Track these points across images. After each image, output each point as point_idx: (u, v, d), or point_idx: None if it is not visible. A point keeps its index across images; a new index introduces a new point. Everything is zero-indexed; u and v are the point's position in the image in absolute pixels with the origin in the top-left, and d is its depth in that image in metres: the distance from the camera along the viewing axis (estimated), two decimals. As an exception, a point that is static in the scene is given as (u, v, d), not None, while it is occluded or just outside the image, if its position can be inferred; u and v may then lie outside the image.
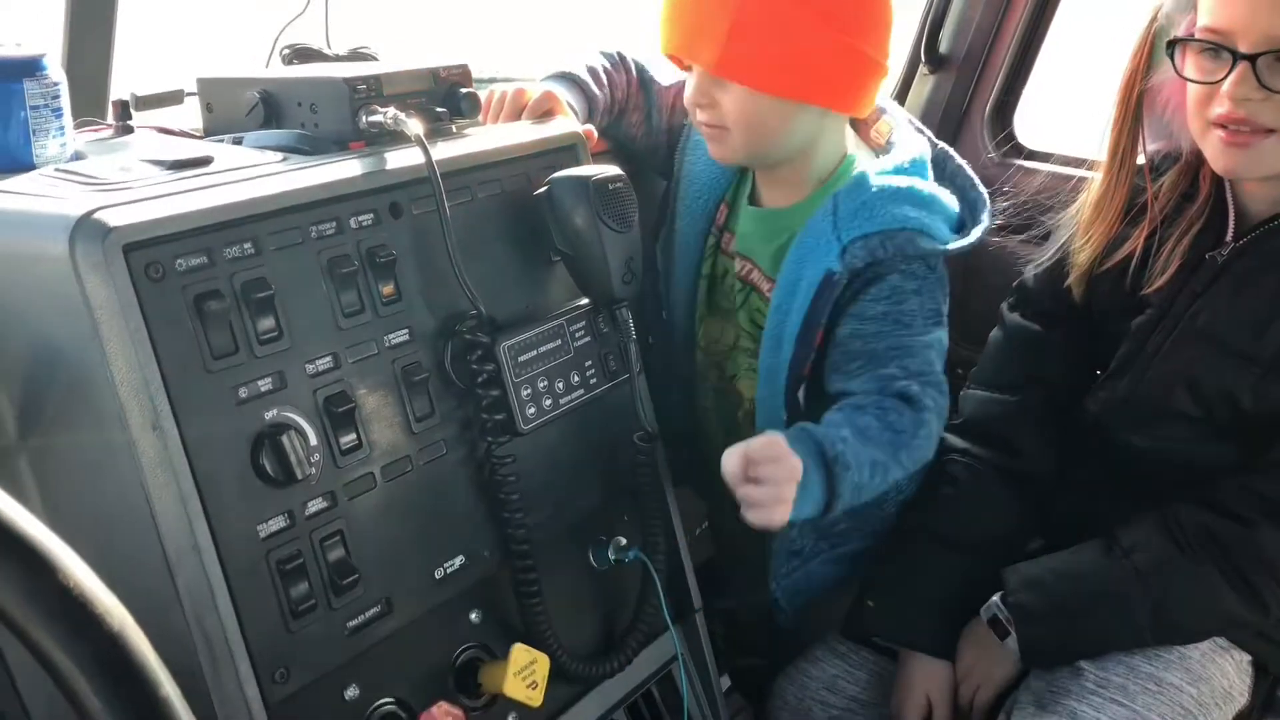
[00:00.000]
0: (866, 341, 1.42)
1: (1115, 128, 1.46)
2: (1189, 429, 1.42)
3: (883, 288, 1.42)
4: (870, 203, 1.39)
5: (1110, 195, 1.47)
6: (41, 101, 1.09)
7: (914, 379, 1.41)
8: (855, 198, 1.39)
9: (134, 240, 0.93)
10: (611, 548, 1.33)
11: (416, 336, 1.14)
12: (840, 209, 1.39)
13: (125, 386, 0.93)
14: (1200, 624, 1.40)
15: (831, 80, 1.38)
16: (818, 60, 1.36)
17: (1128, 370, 1.46)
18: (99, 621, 0.58)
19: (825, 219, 1.40)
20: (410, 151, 1.16)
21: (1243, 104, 1.26)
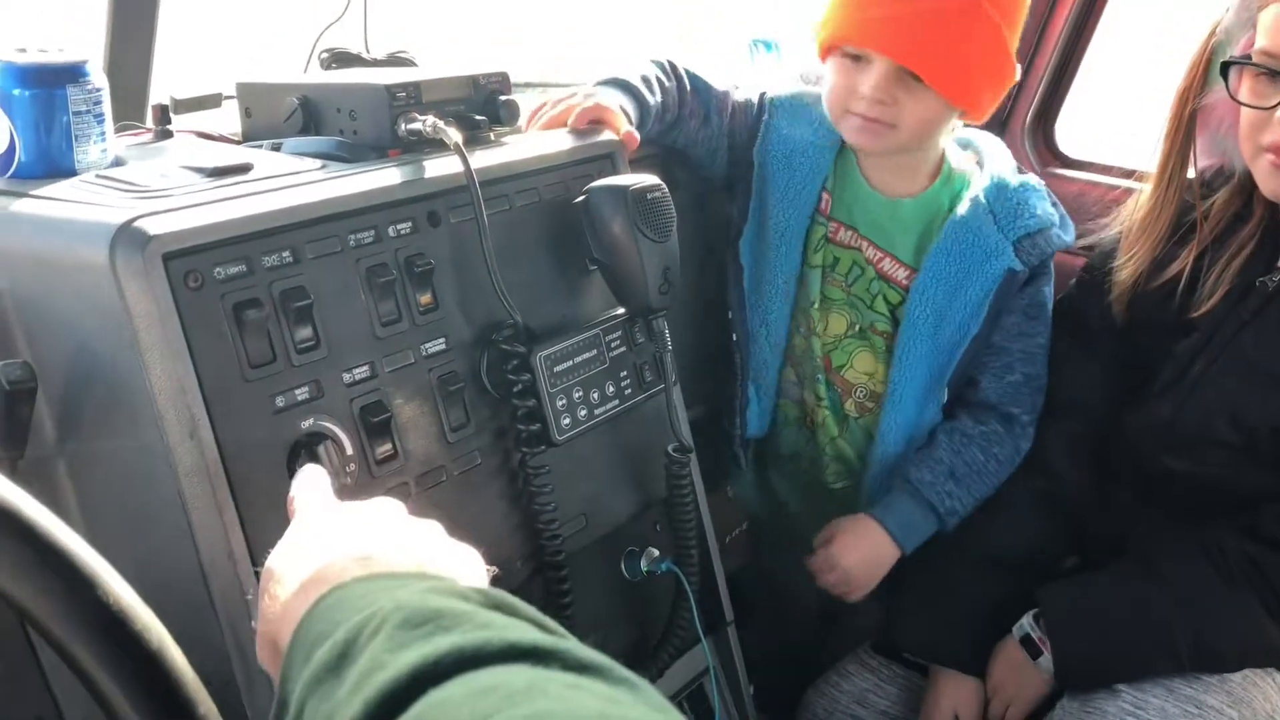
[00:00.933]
0: (1005, 337, 1.55)
1: (1166, 142, 1.44)
2: (1229, 456, 1.39)
3: (1031, 286, 1.54)
4: (1024, 201, 1.51)
5: (1158, 212, 1.45)
6: (84, 107, 1.09)
7: (1030, 393, 1.56)
8: (1008, 197, 1.51)
9: (174, 249, 0.93)
10: (644, 559, 1.32)
11: (453, 346, 1.14)
12: (996, 208, 1.51)
13: (163, 394, 0.93)
14: (1241, 654, 1.37)
15: (998, 94, 1.51)
16: (1003, 81, 1.48)
17: (1169, 395, 1.43)
18: (138, 639, 0.58)
19: (983, 217, 1.51)
20: (449, 160, 1.15)
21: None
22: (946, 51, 1.41)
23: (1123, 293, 1.48)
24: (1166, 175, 1.44)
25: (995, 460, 1.55)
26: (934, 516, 1.54)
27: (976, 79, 1.46)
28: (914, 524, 1.54)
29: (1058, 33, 2.03)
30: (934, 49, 1.41)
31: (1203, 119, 1.40)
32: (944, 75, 1.42)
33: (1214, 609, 1.35)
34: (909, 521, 1.54)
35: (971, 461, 1.54)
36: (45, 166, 1.09)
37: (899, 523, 1.54)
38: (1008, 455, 1.55)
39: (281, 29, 2.04)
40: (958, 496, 1.54)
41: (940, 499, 1.53)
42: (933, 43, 1.41)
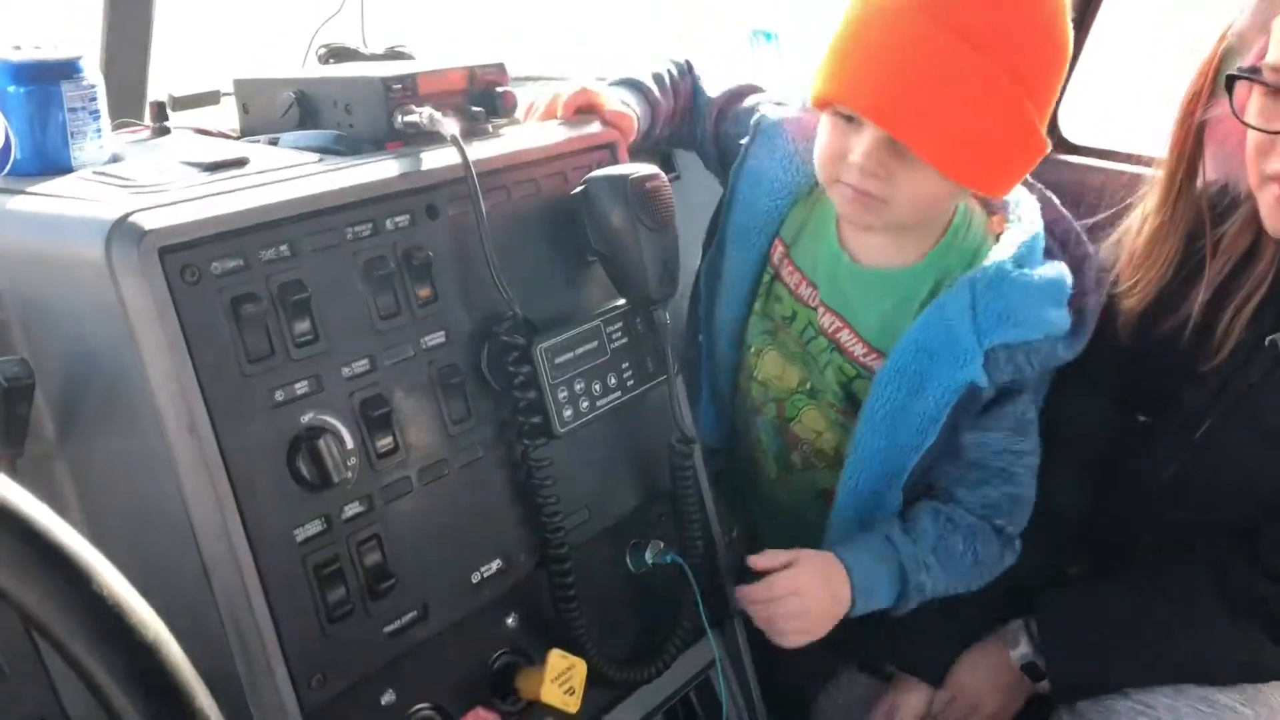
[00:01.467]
0: (984, 453, 1.38)
1: (1172, 156, 1.30)
2: (1239, 513, 1.31)
3: (1016, 402, 1.37)
4: (1016, 305, 1.28)
5: (1165, 234, 1.31)
6: (79, 104, 1.09)
7: (1012, 509, 1.40)
8: (997, 296, 1.28)
9: (170, 243, 0.92)
10: (649, 551, 1.32)
11: (453, 338, 1.13)
12: (979, 306, 1.28)
13: (161, 390, 0.92)
14: (1240, 674, 1.32)
15: (1019, 172, 1.32)
16: (1024, 157, 1.29)
17: (1175, 453, 1.34)
18: (135, 632, 0.58)
19: (962, 313, 1.29)
20: (446, 151, 1.15)
21: None
22: (947, 124, 1.21)
23: (1128, 323, 1.35)
24: (1174, 192, 1.30)
25: (975, 556, 1.37)
26: (897, 586, 1.35)
27: (985, 156, 1.25)
28: (875, 586, 1.35)
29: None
30: (931, 120, 1.21)
31: (1211, 130, 1.25)
32: (943, 151, 1.23)
33: (1217, 629, 1.29)
34: (872, 581, 1.34)
35: (952, 549, 1.37)
36: (41, 164, 1.08)
37: (863, 576, 1.34)
38: (991, 558, 1.39)
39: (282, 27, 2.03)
40: (932, 575, 1.35)
41: (915, 569, 1.35)
42: (930, 113, 1.20)
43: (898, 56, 1.22)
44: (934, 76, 1.20)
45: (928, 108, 1.21)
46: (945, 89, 1.20)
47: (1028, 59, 1.22)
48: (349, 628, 1.02)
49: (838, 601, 1.32)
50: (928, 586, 1.35)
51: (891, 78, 1.22)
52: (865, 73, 1.24)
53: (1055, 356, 1.32)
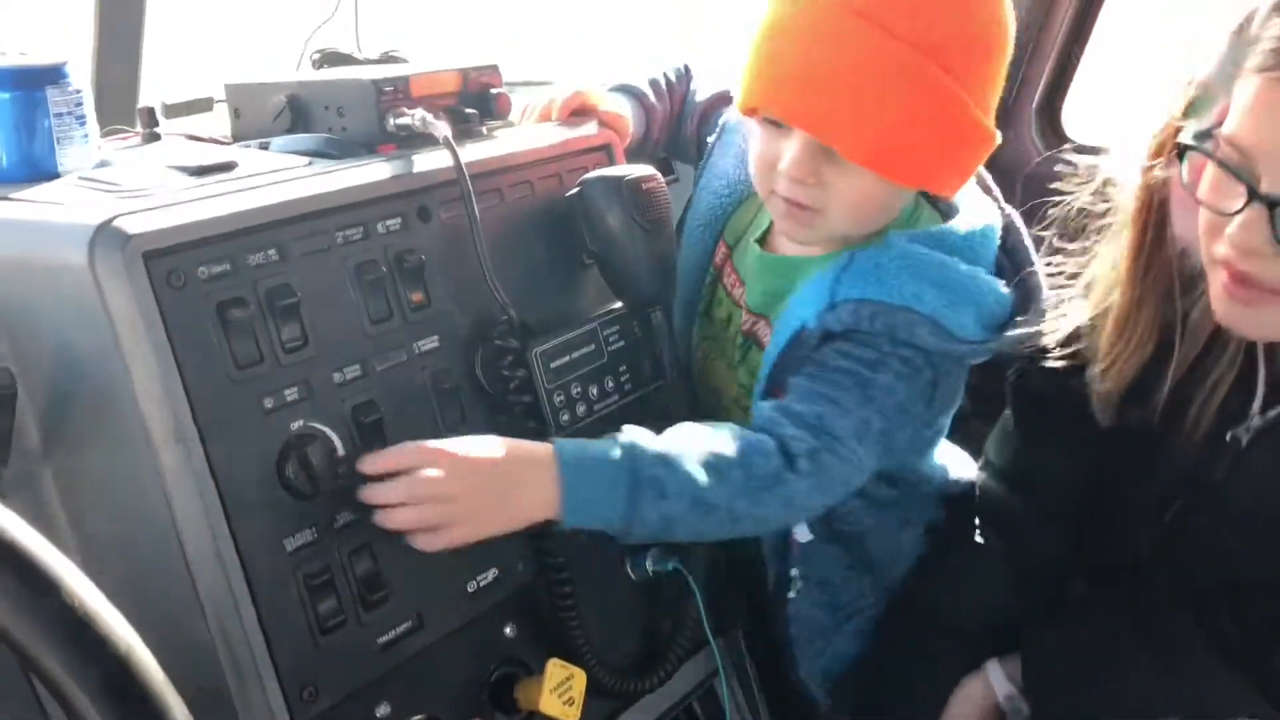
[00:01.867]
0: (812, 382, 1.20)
1: (1137, 221, 1.14)
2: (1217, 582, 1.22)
3: (858, 349, 1.20)
4: (885, 267, 1.19)
5: (1139, 308, 1.16)
6: (65, 109, 1.08)
7: (817, 436, 1.16)
8: (873, 257, 1.20)
9: (154, 248, 0.91)
10: (649, 558, 1.29)
11: (446, 343, 1.11)
12: (853, 264, 1.20)
13: (147, 398, 0.90)
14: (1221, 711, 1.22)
15: (966, 166, 1.23)
16: (964, 150, 1.21)
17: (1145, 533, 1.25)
18: (105, 643, 0.56)
19: (833, 271, 1.21)
20: (439, 154, 1.13)
21: (1248, 257, 0.98)
22: (873, 119, 1.13)
23: (1107, 405, 1.20)
24: (1143, 264, 1.14)
25: (746, 473, 1.12)
26: (627, 480, 1.07)
27: (919, 150, 1.17)
28: (594, 469, 1.07)
29: (1063, 11, 2.00)
30: (855, 117, 1.13)
31: (1174, 188, 1.09)
32: (872, 149, 1.15)
33: (1204, 677, 1.20)
34: (587, 459, 1.07)
35: (719, 461, 1.12)
36: (28, 170, 1.07)
37: (575, 452, 1.07)
38: (763, 477, 1.13)
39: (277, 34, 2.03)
40: (676, 473, 1.09)
41: (651, 464, 1.08)
42: (853, 109, 1.13)
43: (815, 53, 1.15)
44: (852, 70, 1.13)
45: (850, 104, 1.13)
46: (865, 82, 1.12)
47: (952, 44, 1.14)
48: (341, 639, 1.00)
49: (511, 479, 1.04)
50: (668, 484, 1.08)
51: (810, 77, 1.15)
52: (784, 74, 1.17)
53: (913, 332, 1.18)
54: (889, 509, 1.36)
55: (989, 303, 1.22)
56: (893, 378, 1.20)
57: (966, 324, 1.20)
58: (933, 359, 1.21)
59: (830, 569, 1.38)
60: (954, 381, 1.30)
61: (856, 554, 1.38)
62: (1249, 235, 0.96)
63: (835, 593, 1.39)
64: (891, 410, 1.20)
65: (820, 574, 1.37)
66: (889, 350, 1.20)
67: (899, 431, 1.23)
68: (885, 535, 1.37)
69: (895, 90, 1.13)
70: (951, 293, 1.19)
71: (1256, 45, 0.97)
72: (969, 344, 1.20)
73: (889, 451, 1.23)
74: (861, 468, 1.20)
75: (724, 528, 1.14)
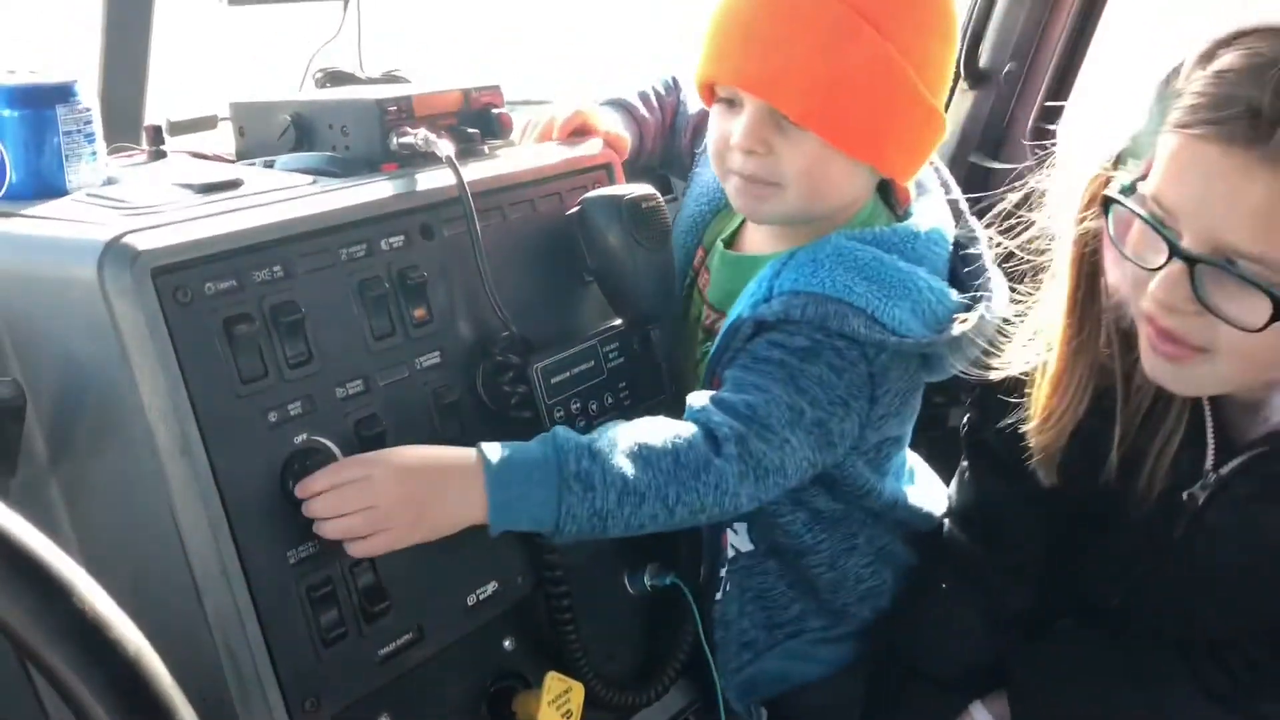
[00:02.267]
0: (744, 372, 1.20)
1: (1072, 270, 1.12)
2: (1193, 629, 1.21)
3: (789, 339, 1.19)
4: (820, 261, 1.20)
5: (1071, 369, 1.14)
6: (74, 127, 1.09)
7: (745, 423, 1.14)
8: (811, 252, 1.21)
9: (162, 264, 0.92)
10: (647, 573, 1.31)
11: (448, 359, 1.13)
12: (792, 259, 1.22)
13: (154, 411, 0.92)
14: None
15: (912, 144, 1.25)
16: (907, 122, 1.22)
17: (1114, 588, 1.23)
18: (115, 647, 0.57)
19: (774, 266, 1.23)
20: (441, 172, 1.15)
21: (1171, 313, 0.97)
22: (814, 79, 1.16)
23: (1047, 460, 1.18)
24: (1077, 314, 1.12)
25: (675, 461, 1.10)
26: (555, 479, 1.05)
27: (862, 115, 1.19)
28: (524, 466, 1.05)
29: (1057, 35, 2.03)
30: (798, 77, 1.17)
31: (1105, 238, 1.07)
32: (816, 111, 1.17)
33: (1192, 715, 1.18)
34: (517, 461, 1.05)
35: (647, 449, 1.10)
36: (36, 187, 1.08)
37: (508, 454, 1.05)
38: (691, 464, 1.10)
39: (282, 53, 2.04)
40: (606, 463, 1.07)
41: (577, 458, 1.06)
42: (797, 70, 1.16)
43: (758, 16, 1.19)
44: (790, 29, 1.17)
45: (790, 63, 1.16)
46: (803, 40, 1.16)
47: (889, 8, 1.18)
48: (343, 651, 1.01)
49: (435, 486, 1.03)
50: (596, 476, 1.06)
51: (751, 38, 1.19)
52: (729, 41, 1.21)
53: (845, 322, 1.17)
54: (834, 527, 1.33)
55: (929, 300, 1.22)
56: (825, 368, 1.19)
57: (902, 318, 1.19)
58: (867, 352, 1.20)
59: (769, 584, 1.36)
60: (898, 381, 1.25)
61: (797, 572, 1.35)
62: (1170, 292, 0.96)
63: (774, 610, 1.37)
64: (826, 402, 1.19)
65: (759, 587, 1.36)
66: (821, 339, 1.19)
67: (837, 423, 1.20)
68: (829, 555, 1.33)
69: (833, 48, 1.16)
70: (885, 287, 1.19)
71: (1179, 100, 0.96)
72: (905, 338, 1.19)
73: (828, 444, 1.20)
74: (796, 456, 1.17)
75: (659, 518, 1.11)
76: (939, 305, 1.23)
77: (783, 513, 1.30)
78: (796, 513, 1.30)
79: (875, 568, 1.37)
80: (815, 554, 1.33)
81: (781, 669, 1.39)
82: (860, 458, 1.28)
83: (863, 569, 1.36)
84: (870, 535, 1.36)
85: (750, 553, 1.35)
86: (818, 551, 1.33)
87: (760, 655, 1.38)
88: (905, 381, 1.27)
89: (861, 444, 1.26)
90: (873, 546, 1.37)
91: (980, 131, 2.15)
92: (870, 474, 1.30)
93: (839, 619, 1.38)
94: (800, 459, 1.17)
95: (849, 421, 1.21)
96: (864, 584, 1.37)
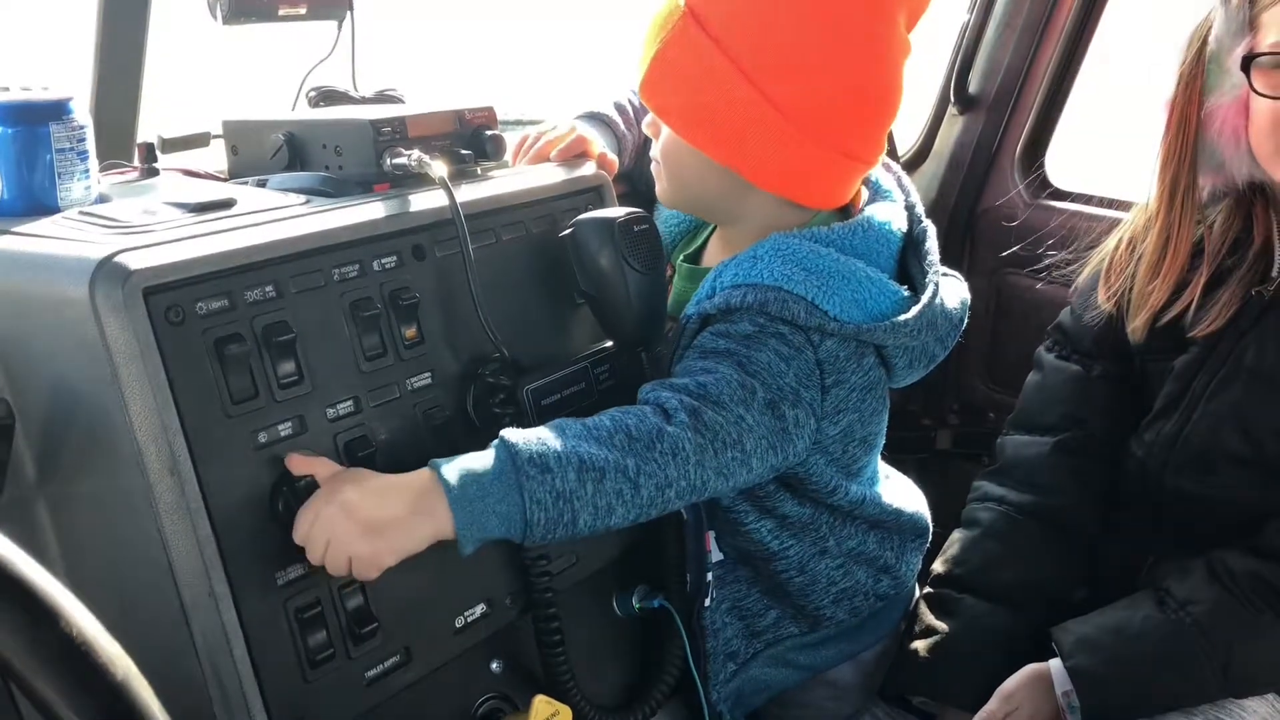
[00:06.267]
0: (693, 363, 1.21)
1: (1172, 162, 1.38)
2: (1238, 472, 1.37)
3: (733, 327, 1.21)
4: (760, 257, 1.23)
5: (1176, 235, 1.39)
6: (67, 145, 1.09)
7: (697, 398, 1.13)
8: (752, 251, 1.25)
9: (154, 283, 0.92)
10: (635, 595, 1.30)
11: (439, 380, 1.13)
12: (734, 259, 1.26)
13: (143, 431, 0.91)
14: (1271, 675, 1.35)
15: (746, 146, 1.25)
16: (729, 117, 1.23)
17: (1174, 412, 1.41)
18: (102, 672, 0.57)
19: (718, 268, 1.27)
20: (434, 194, 1.15)
21: None
22: (650, 69, 1.27)
23: (1148, 319, 1.42)
24: (1179, 195, 1.38)
25: (626, 434, 1.08)
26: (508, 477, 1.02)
27: (684, 107, 1.25)
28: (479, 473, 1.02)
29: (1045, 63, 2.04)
30: (647, 66, 1.28)
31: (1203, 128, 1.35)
32: (651, 96, 1.29)
33: (1235, 633, 1.32)
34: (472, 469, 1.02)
35: (597, 426, 1.09)
36: (28, 204, 1.08)
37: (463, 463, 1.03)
38: (643, 435, 1.09)
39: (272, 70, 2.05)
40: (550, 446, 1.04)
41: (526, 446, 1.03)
42: (645, 51, 1.28)
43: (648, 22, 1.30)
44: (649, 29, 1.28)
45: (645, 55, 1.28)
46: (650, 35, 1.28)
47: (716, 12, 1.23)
48: (330, 673, 1.01)
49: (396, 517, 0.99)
50: (550, 457, 1.03)
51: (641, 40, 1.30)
52: None
53: (785, 307, 1.19)
54: (802, 532, 1.33)
55: (869, 290, 1.24)
56: (772, 355, 1.19)
57: (842, 305, 1.21)
58: (811, 338, 1.21)
59: (743, 591, 1.37)
60: (852, 374, 1.26)
61: (769, 580, 1.36)
62: None
63: (751, 618, 1.38)
64: (776, 387, 1.19)
65: (734, 596, 1.37)
66: (764, 324, 1.20)
67: (789, 408, 1.19)
68: (798, 560, 1.34)
69: (660, 41, 1.26)
70: (822, 276, 1.22)
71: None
72: (845, 324, 1.21)
73: (783, 431, 1.19)
74: (754, 435, 1.16)
75: (626, 495, 1.07)
76: (880, 296, 1.25)
77: (747, 520, 1.31)
78: (763, 520, 1.31)
79: (847, 569, 1.38)
80: (783, 559, 1.34)
81: (765, 677, 1.40)
82: (823, 456, 1.28)
83: (834, 571, 1.37)
84: (840, 538, 1.36)
85: (721, 561, 1.35)
86: (785, 557, 1.34)
87: (744, 665, 1.39)
88: (860, 376, 1.27)
89: (822, 438, 1.26)
90: (843, 549, 1.37)
91: (969, 157, 2.16)
92: (835, 473, 1.30)
93: (815, 623, 1.40)
94: (759, 439, 1.16)
95: (801, 409, 1.21)
96: (836, 585, 1.38)
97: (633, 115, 1.54)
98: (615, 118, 1.51)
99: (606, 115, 1.51)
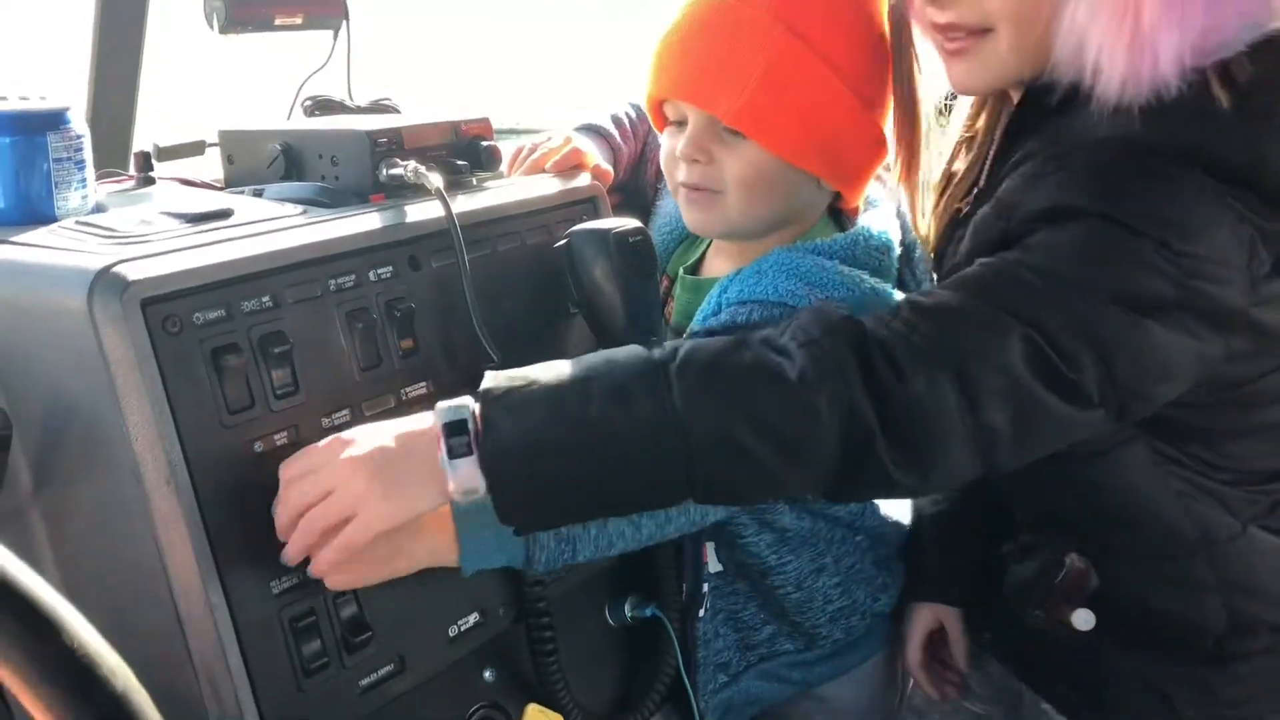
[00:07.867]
0: None
1: None
2: None
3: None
4: (764, 272, 1.23)
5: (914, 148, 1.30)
6: (64, 154, 1.09)
7: None
8: (757, 265, 1.25)
9: (152, 294, 0.93)
10: (628, 604, 1.31)
11: (435, 389, 1.13)
12: (740, 274, 1.25)
13: (140, 440, 0.92)
14: None
15: (848, 155, 1.28)
16: (842, 130, 1.25)
17: None
18: (103, 683, 0.57)
19: (724, 282, 1.27)
20: (430, 204, 1.16)
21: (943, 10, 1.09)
22: (739, 83, 1.20)
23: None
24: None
25: None
26: None
27: (788, 120, 1.22)
28: None
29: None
30: (727, 83, 1.21)
31: None
32: (746, 113, 1.21)
33: None
34: None
35: None
36: (25, 213, 1.09)
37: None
38: None
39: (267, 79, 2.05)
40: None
41: None
42: (725, 77, 1.21)
43: (695, 32, 1.24)
44: (717, 38, 1.22)
45: (718, 70, 1.22)
46: (728, 47, 1.21)
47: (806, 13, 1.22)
48: (324, 682, 1.01)
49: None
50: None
51: (689, 53, 1.24)
52: (670, 57, 1.26)
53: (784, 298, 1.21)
54: (801, 547, 1.33)
55: (872, 302, 1.23)
56: None
57: (803, 301, 1.21)
58: None
59: (739, 605, 1.37)
60: None
61: (766, 593, 1.36)
62: None
63: (746, 631, 1.38)
64: None
65: (730, 609, 1.37)
66: None
67: None
68: (796, 576, 1.34)
69: (752, 52, 1.20)
70: (826, 289, 1.22)
71: None
72: None
73: None
74: None
75: (625, 535, 1.13)
76: (881, 306, 1.22)
77: (746, 533, 1.31)
78: (762, 534, 1.31)
79: (845, 587, 1.38)
80: (780, 574, 1.33)
81: (756, 691, 1.40)
82: None
83: (831, 589, 1.37)
84: (838, 555, 1.37)
85: (720, 573, 1.36)
86: (783, 571, 1.33)
87: (735, 677, 1.39)
88: None
89: None
90: (841, 567, 1.37)
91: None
92: None
93: (811, 642, 1.39)
94: None
95: None
96: (833, 604, 1.38)
97: (629, 128, 1.54)
98: (611, 130, 1.52)
99: (603, 127, 1.51)
